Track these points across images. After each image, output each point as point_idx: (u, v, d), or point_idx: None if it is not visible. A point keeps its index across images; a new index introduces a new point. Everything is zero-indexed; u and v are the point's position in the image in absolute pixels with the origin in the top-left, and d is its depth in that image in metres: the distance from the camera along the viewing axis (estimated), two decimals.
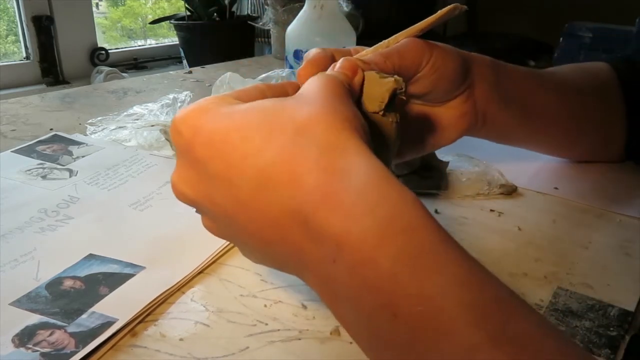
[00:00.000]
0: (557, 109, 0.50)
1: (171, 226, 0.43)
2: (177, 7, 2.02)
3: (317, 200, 0.23)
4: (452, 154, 0.54)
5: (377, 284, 0.21)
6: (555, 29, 1.31)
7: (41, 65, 1.63)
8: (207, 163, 0.25)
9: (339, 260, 0.22)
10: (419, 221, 0.22)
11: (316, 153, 0.23)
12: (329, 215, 0.22)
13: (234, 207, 0.25)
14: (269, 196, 0.24)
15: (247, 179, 0.24)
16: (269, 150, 0.24)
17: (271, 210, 0.24)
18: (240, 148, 0.24)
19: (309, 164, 0.23)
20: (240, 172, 0.24)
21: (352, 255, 0.22)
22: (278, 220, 0.24)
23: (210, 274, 0.38)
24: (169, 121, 0.59)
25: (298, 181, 0.23)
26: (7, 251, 0.39)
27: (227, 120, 0.25)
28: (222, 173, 0.25)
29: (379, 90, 0.33)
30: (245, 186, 0.24)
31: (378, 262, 0.21)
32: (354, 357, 0.31)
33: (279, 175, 0.23)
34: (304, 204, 0.23)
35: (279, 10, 1.08)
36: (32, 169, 0.52)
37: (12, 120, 0.70)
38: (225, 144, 0.25)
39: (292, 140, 0.24)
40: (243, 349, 0.31)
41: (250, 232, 0.26)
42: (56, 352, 0.30)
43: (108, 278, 0.36)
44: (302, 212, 0.23)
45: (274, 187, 0.24)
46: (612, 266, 0.40)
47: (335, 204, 0.22)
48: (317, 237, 0.23)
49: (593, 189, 0.52)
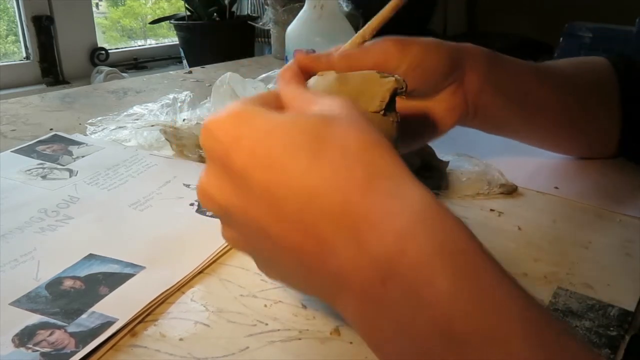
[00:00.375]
0: (552, 102, 0.49)
1: (171, 226, 0.43)
2: (177, 7, 2.02)
3: (371, 222, 0.23)
4: (452, 154, 0.54)
5: (434, 304, 0.21)
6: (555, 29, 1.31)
7: (41, 65, 1.63)
8: (247, 175, 0.25)
9: (390, 281, 0.22)
10: (472, 244, 0.23)
11: (367, 176, 0.24)
12: (383, 236, 0.22)
13: (273, 222, 0.25)
14: (316, 215, 0.24)
15: (293, 195, 0.24)
16: (318, 170, 0.24)
17: (318, 230, 0.24)
18: (287, 165, 0.24)
19: (361, 186, 0.23)
20: (287, 189, 0.24)
21: (408, 277, 0.22)
22: (326, 240, 0.24)
23: (210, 274, 0.38)
24: (169, 121, 0.59)
25: (350, 202, 0.23)
26: (7, 251, 0.39)
27: (270, 134, 0.25)
28: (264, 187, 0.25)
29: (380, 90, 0.33)
30: (291, 203, 0.24)
31: (437, 282, 0.21)
32: (354, 357, 0.31)
33: (330, 196, 0.23)
34: (356, 224, 0.23)
35: (279, 10, 1.08)
36: (32, 169, 0.52)
37: (12, 120, 0.70)
38: (270, 159, 0.24)
39: (342, 162, 0.24)
40: (243, 349, 0.31)
41: (286, 249, 0.25)
42: (56, 352, 0.30)
43: (108, 278, 0.36)
44: (353, 232, 0.23)
45: (323, 206, 0.23)
46: (612, 266, 0.40)
47: (390, 225, 0.23)
48: (368, 257, 0.23)
49: (593, 189, 0.52)
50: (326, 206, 0.23)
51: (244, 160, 0.25)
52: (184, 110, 0.64)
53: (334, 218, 0.23)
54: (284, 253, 0.26)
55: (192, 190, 0.49)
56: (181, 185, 0.50)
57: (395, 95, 0.33)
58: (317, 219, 0.24)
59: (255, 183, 0.25)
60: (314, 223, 0.24)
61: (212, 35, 1.75)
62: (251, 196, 0.25)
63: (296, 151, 0.24)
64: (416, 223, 0.23)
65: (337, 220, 0.23)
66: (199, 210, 0.46)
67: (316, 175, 0.24)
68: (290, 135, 0.25)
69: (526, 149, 0.62)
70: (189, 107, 0.65)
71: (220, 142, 0.26)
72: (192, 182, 0.51)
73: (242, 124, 0.26)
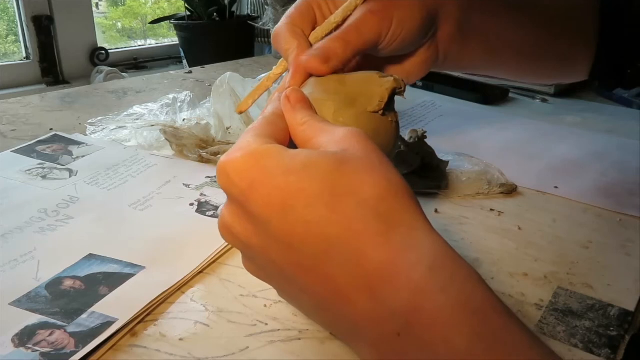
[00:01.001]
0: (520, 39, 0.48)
1: (171, 226, 0.43)
2: (177, 7, 2.02)
3: (386, 275, 0.23)
4: (452, 154, 0.54)
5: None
6: None
7: (41, 65, 1.63)
8: (265, 220, 0.25)
9: (405, 335, 0.22)
10: (490, 301, 0.23)
11: (383, 227, 0.24)
12: (399, 291, 0.22)
13: (292, 266, 0.25)
14: (333, 266, 0.24)
15: (310, 245, 0.24)
16: (334, 220, 0.24)
17: (334, 280, 0.24)
18: (303, 215, 0.24)
19: (376, 238, 0.23)
20: (303, 239, 0.24)
21: (424, 333, 0.22)
22: (341, 291, 0.24)
23: (210, 274, 0.38)
24: (169, 121, 0.59)
25: (365, 256, 0.23)
26: (7, 251, 0.39)
27: (284, 180, 0.25)
28: (282, 233, 0.25)
29: (379, 90, 0.32)
30: (308, 252, 0.24)
31: (453, 341, 0.21)
32: (354, 357, 0.31)
33: (345, 248, 0.23)
34: (371, 277, 0.23)
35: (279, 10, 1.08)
36: (32, 169, 0.52)
37: (12, 120, 0.70)
38: (286, 207, 0.24)
39: (357, 212, 0.24)
40: (243, 349, 0.31)
41: (305, 292, 0.26)
42: (56, 352, 0.30)
43: (108, 278, 0.36)
44: (368, 285, 0.23)
45: (339, 258, 0.24)
46: (612, 266, 0.40)
47: (405, 280, 0.22)
48: (383, 311, 0.23)
49: (593, 189, 0.52)
50: (342, 258, 0.23)
51: (261, 207, 0.25)
52: (184, 110, 0.64)
53: (349, 270, 0.23)
54: (302, 295, 0.26)
55: (192, 190, 0.49)
56: (181, 185, 0.50)
57: (394, 95, 0.33)
58: (333, 269, 0.24)
59: (273, 229, 0.25)
60: (331, 273, 0.24)
61: (212, 35, 1.75)
62: (271, 239, 0.25)
63: (312, 200, 0.24)
64: (431, 277, 0.22)
65: (352, 272, 0.23)
66: (199, 210, 0.46)
67: (332, 226, 0.24)
68: (306, 182, 0.25)
69: (526, 149, 0.62)
70: (189, 107, 0.65)
71: (236, 185, 0.26)
72: (192, 182, 0.51)
73: (255, 166, 0.26)
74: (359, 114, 0.32)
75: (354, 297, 0.23)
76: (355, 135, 0.27)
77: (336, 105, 0.33)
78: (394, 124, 0.33)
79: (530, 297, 0.36)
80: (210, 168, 0.54)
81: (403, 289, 0.22)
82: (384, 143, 0.33)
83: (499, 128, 0.68)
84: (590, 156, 0.60)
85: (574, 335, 0.33)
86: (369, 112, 0.32)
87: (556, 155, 0.60)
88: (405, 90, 0.33)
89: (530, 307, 0.35)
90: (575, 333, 0.33)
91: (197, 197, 0.48)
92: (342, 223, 0.24)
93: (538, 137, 0.66)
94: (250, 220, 0.26)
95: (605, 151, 0.62)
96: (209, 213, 0.45)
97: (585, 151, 0.61)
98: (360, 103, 0.32)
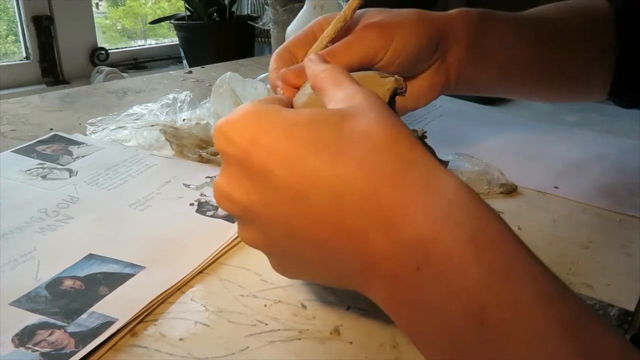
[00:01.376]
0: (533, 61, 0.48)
1: (171, 226, 0.43)
2: (177, 7, 2.02)
3: (405, 211, 0.23)
4: (452, 154, 0.54)
5: (466, 292, 0.21)
6: None
7: (41, 65, 1.63)
8: (269, 173, 0.25)
9: (424, 267, 0.22)
10: (507, 235, 0.23)
11: (399, 166, 0.24)
12: (417, 225, 0.22)
13: (299, 219, 0.25)
14: (346, 210, 0.24)
15: (321, 193, 0.24)
16: (348, 164, 0.24)
17: (347, 223, 0.24)
18: (312, 162, 0.24)
19: (392, 176, 0.23)
20: (313, 186, 0.24)
21: (441, 264, 0.22)
22: (356, 231, 0.24)
23: (210, 274, 0.38)
24: (169, 121, 0.59)
25: (382, 193, 0.23)
26: (7, 251, 0.39)
27: (290, 131, 0.25)
28: (287, 184, 0.24)
29: (380, 90, 0.33)
30: (318, 200, 0.24)
31: (469, 271, 0.21)
32: (354, 357, 0.31)
33: (361, 187, 0.23)
34: (390, 214, 0.23)
35: (279, 10, 1.08)
36: (32, 169, 0.52)
37: (12, 120, 0.70)
38: (292, 156, 0.24)
39: (370, 156, 0.24)
40: (243, 349, 0.31)
41: (312, 241, 0.25)
42: (56, 352, 0.30)
43: (108, 278, 0.36)
44: (386, 222, 0.23)
45: (353, 201, 0.23)
46: (612, 266, 0.40)
47: (423, 214, 0.23)
48: (402, 246, 0.23)
49: (593, 189, 0.52)
50: (356, 200, 0.23)
51: (265, 159, 0.25)
52: (184, 110, 0.64)
53: (365, 210, 0.23)
54: (309, 246, 0.25)
55: (192, 190, 0.49)
56: (181, 185, 0.50)
57: (395, 95, 0.33)
58: (346, 214, 0.24)
59: (278, 180, 0.25)
60: (343, 219, 0.24)
61: (212, 35, 1.75)
62: (274, 193, 0.25)
63: (320, 147, 0.24)
64: (449, 212, 0.23)
65: (369, 212, 0.23)
66: (199, 210, 0.46)
67: (343, 171, 0.24)
68: (312, 132, 0.25)
69: (526, 149, 0.62)
70: (189, 107, 0.65)
71: (236, 143, 0.26)
72: (192, 182, 0.51)
73: (258, 122, 0.26)
74: None
75: (371, 235, 0.23)
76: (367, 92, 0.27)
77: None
78: None
79: None
80: (210, 168, 0.54)
81: (422, 224, 0.22)
82: None
83: (499, 128, 0.68)
84: (590, 156, 0.60)
85: None
86: None
87: (556, 155, 0.60)
88: (406, 90, 0.33)
89: None
90: None
91: (197, 197, 0.48)
92: (353, 167, 0.24)
93: (538, 137, 0.66)
94: (250, 178, 0.26)
95: (605, 151, 0.62)
96: (209, 213, 0.45)
97: (585, 151, 0.61)
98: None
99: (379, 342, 0.32)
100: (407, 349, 0.31)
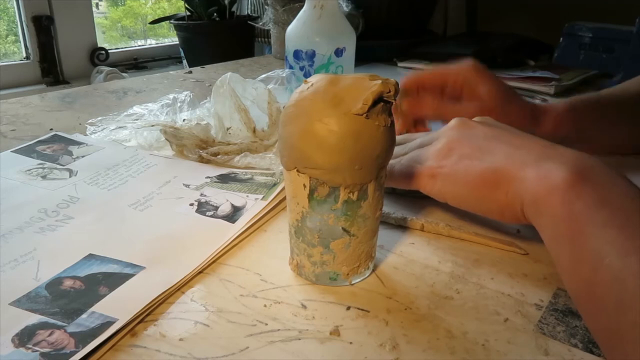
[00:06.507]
0: (610, 137, 0.58)
1: (171, 226, 0.43)
2: (177, 7, 2.03)
3: (539, 188, 0.36)
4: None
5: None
6: (555, 29, 1.31)
7: (41, 65, 1.63)
8: (482, 137, 0.42)
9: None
10: (607, 175, 0.34)
11: (534, 159, 0.37)
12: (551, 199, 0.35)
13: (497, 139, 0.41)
14: (519, 157, 0.39)
15: (507, 135, 0.42)
16: (519, 143, 0.40)
17: (521, 159, 0.38)
18: (503, 138, 0.41)
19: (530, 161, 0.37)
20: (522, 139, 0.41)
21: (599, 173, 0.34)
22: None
23: (210, 274, 0.38)
24: (169, 121, 0.59)
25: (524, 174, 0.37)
26: (7, 251, 0.39)
27: (493, 130, 0.42)
28: (493, 130, 0.42)
29: (365, 92, 0.32)
30: (519, 141, 0.40)
31: (573, 204, 0.33)
32: (354, 357, 0.31)
33: (509, 170, 0.38)
34: (527, 191, 0.37)
35: (279, 10, 1.08)
36: (32, 169, 0.52)
37: (12, 120, 0.70)
38: (494, 137, 0.41)
39: (516, 151, 0.39)
40: (243, 349, 0.31)
41: (511, 145, 0.40)
42: (56, 352, 0.30)
43: (108, 278, 0.36)
44: (523, 196, 0.37)
45: (522, 155, 0.38)
46: None
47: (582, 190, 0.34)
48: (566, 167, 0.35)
49: None
50: (524, 156, 0.38)
51: (485, 134, 0.42)
52: (184, 110, 0.64)
53: (530, 156, 0.38)
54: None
55: (192, 190, 0.49)
56: (181, 185, 0.50)
57: (380, 99, 0.32)
58: (521, 157, 0.38)
59: (492, 129, 0.43)
60: (522, 161, 0.38)
61: (212, 35, 1.75)
62: (492, 127, 0.43)
63: (505, 139, 0.41)
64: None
65: (512, 191, 0.38)
66: (199, 210, 0.46)
67: (517, 139, 0.41)
68: (500, 133, 0.42)
69: None
70: (189, 107, 0.65)
71: (468, 124, 0.44)
72: (192, 182, 0.51)
73: (477, 123, 0.44)
74: (341, 115, 0.32)
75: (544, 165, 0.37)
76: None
77: (322, 104, 0.33)
78: (382, 128, 0.33)
79: (530, 297, 0.36)
80: (210, 168, 0.54)
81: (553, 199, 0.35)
82: (368, 147, 0.33)
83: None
84: None
85: (573, 335, 0.33)
86: (352, 114, 0.32)
87: None
88: (396, 95, 0.33)
89: (530, 307, 0.35)
90: (575, 333, 0.33)
91: (197, 197, 0.48)
92: (522, 148, 0.39)
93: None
94: (475, 134, 0.43)
95: None
96: (209, 213, 0.45)
97: None
98: (346, 104, 0.32)
99: (379, 342, 0.32)
100: (407, 349, 0.31)
